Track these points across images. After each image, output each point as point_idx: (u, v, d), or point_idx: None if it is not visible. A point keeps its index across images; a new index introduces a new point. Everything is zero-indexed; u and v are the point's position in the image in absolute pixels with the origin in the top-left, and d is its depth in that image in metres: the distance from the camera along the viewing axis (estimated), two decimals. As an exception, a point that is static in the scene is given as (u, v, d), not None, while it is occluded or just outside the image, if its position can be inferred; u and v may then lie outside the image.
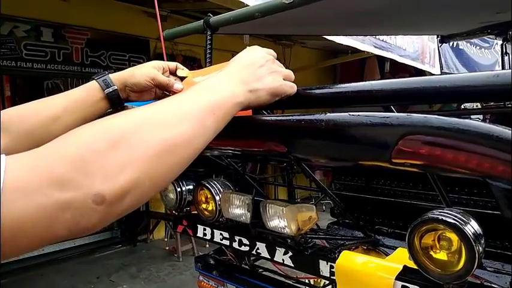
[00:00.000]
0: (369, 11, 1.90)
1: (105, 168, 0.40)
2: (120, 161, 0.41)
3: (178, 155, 0.47)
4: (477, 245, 0.73)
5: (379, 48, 4.23)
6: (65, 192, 0.38)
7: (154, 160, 0.44)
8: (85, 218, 0.39)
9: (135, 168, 0.42)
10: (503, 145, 0.45)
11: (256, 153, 1.03)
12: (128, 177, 0.41)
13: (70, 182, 0.38)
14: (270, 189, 5.69)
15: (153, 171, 0.44)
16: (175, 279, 4.36)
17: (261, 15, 1.43)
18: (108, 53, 5.18)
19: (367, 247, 1.27)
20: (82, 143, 0.42)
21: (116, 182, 0.40)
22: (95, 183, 0.39)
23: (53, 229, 0.38)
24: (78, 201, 0.38)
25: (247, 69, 0.65)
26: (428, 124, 0.50)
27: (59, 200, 0.38)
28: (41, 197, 0.37)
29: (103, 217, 0.41)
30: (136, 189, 0.42)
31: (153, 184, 0.44)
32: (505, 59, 3.00)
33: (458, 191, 1.24)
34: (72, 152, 0.40)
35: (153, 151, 0.44)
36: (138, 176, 0.42)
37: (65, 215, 0.38)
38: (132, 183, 0.41)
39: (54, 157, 0.40)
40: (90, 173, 0.39)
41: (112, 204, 0.40)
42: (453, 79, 0.61)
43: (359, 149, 0.59)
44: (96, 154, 0.41)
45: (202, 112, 0.52)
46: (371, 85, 0.67)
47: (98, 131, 0.44)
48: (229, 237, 1.32)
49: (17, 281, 4.24)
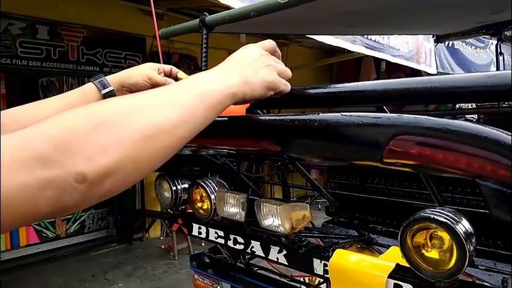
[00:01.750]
0: (364, 11, 1.90)
1: (87, 149, 0.41)
2: (102, 143, 0.42)
3: (163, 141, 0.47)
4: (468, 243, 0.74)
5: (371, 48, 4.21)
6: (47, 170, 0.39)
7: (139, 144, 0.45)
8: (67, 195, 0.40)
9: (118, 150, 0.43)
10: (491, 145, 0.45)
11: (250, 152, 1.03)
12: (110, 159, 0.42)
13: (52, 161, 0.39)
14: (266, 188, 5.70)
15: (137, 155, 0.44)
16: (171, 277, 4.37)
17: (256, 15, 1.43)
18: (104, 50, 5.16)
19: (361, 245, 1.28)
20: (65, 124, 0.43)
21: (97, 163, 0.41)
22: (76, 163, 0.40)
23: (36, 206, 0.39)
24: (59, 179, 0.39)
25: (242, 62, 0.65)
26: (419, 124, 0.51)
27: (42, 177, 0.39)
28: (23, 175, 0.38)
29: (85, 196, 0.42)
30: (118, 172, 0.43)
31: (136, 168, 0.45)
32: (499, 58, 3.02)
33: (452, 190, 1.25)
34: (55, 132, 0.41)
35: (137, 135, 0.45)
36: (121, 158, 0.43)
37: (47, 192, 0.39)
38: (114, 165, 0.42)
39: (37, 137, 0.41)
40: (72, 153, 0.40)
41: (93, 184, 0.41)
42: (444, 80, 0.61)
43: (351, 148, 0.60)
44: (79, 135, 0.42)
45: (191, 100, 0.52)
46: (364, 86, 0.68)
47: (81, 114, 0.45)
48: (224, 235, 1.33)
49: (12, 280, 4.23)
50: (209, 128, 0.86)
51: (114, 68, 5.21)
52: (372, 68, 7.44)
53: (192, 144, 1.01)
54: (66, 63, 4.87)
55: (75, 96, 0.89)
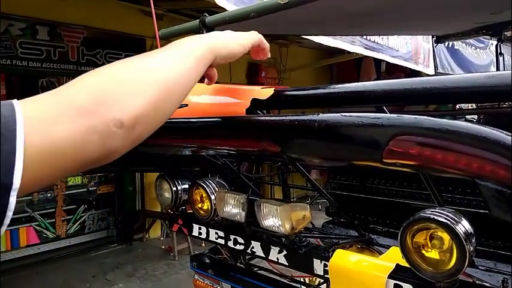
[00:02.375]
0: (364, 11, 1.90)
1: (120, 99, 0.49)
2: (129, 92, 0.50)
3: (173, 91, 0.56)
4: (468, 244, 0.74)
5: (370, 49, 4.20)
6: (89, 119, 0.46)
7: (156, 93, 0.53)
8: (109, 140, 0.47)
9: (142, 98, 0.51)
10: (490, 146, 0.45)
11: (250, 152, 1.04)
12: (137, 105, 0.50)
13: (92, 110, 0.46)
14: (267, 189, 5.70)
15: (156, 102, 0.53)
16: (171, 278, 4.37)
17: (256, 15, 1.43)
18: (104, 51, 5.16)
19: (361, 246, 1.28)
20: (96, 80, 0.51)
21: (128, 109, 0.49)
22: (113, 111, 0.48)
23: (85, 151, 0.46)
24: (101, 125, 0.46)
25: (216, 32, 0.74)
26: (418, 125, 0.51)
27: (85, 124, 0.45)
28: (69, 123, 0.44)
29: (124, 140, 0.49)
30: (144, 118, 0.51)
31: (156, 114, 0.53)
32: (500, 59, 3.02)
33: (452, 191, 1.25)
34: (88, 85, 0.49)
35: (155, 86, 0.53)
36: (145, 105, 0.51)
37: (92, 136, 0.46)
38: (141, 111, 0.50)
39: (73, 90, 0.48)
40: (107, 102, 0.48)
41: (129, 129, 0.49)
42: (444, 80, 0.61)
43: (351, 149, 0.60)
44: (110, 87, 0.49)
45: (184, 56, 0.61)
46: (364, 86, 0.68)
47: (110, 68, 0.53)
48: (224, 236, 1.33)
49: (12, 280, 4.23)
50: (209, 129, 0.87)
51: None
52: (372, 68, 7.44)
53: (192, 144, 1.02)
54: (66, 64, 4.87)
55: None
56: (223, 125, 0.81)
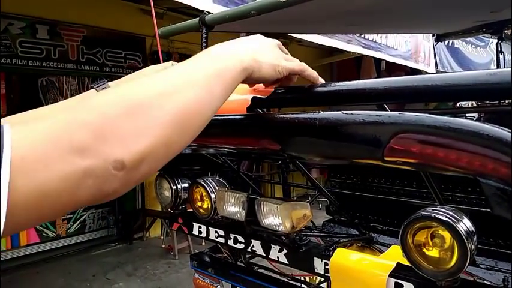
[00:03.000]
0: (364, 9, 1.90)
1: (123, 135, 0.42)
2: (136, 128, 0.43)
3: (190, 122, 0.48)
4: (469, 242, 0.73)
5: (368, 48, 4.19)
6: (86, 160, 0.39)
7: (169, 127, 0.45)
8: (106, 183, 0.41)
9: (151, 135, 0.44)
10: (493, 143, 0.45)
11: (250, 151, 1.03)
12: (145, 143, 0.43)
13: (90, 149, 0.40)
14: (267, 188, 5.70)
15: (168, 138, 0.45)
16: (172, 277, 4.37)
17: (256, 14, 1.43)
18: (104, 50, 5.16)
19: (361, 244, 1.28)
20: (100, 110, 0.43)
21: (133, 149, 0.42)
22: (114, 150, 0.41)
23: (76, 196, 0.40)
24: (99, 168, 0.40)
25: (253, 42, 0.65)
26: (420, 122, 0.51)
27: (81, 166, 0.39)
28: (63, 165, 0.38)
29: (123, 183, 0.43)
30: (152, 156, 0.44)
31: (167, 150, 0.46)
32: (500, 57, 3.01)
33: (453, 189, 1.25)
34: (90, 119, 0.41)
35: (168, 118, 0.45)
36: (154, 142, 0.44)
37: (87, 181, 0.40)
38: (149, 149, 0.43)
39: (72, 125, 0.41)
40: (109, 140, 0.41)
41: (131, 170, 0.42)
42: (447, 78, 0.61)
43: (352, 147, 0.60)
44: (114, 121, 0.42)
45: (209, 79, 0.52)
46: (364, 84, 0.67)
47: (113, 99, 0.45)
48: (224, 234, 1.33)
49: (13, 279, 4.23)
50: (209, 127, 0.86)
51: (114, 68, 5.21)
52: (372, 67, 7.43)
53: (192, 143, 1.01)
54: (66, 63, 4.87)
55: None
56: (224, 124, 0.81)
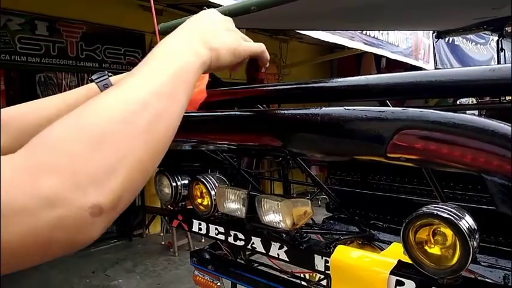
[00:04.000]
0: (365, 6, 1.89)
1: (95, 175, 0.35)
2: (108, 163, 0.37)
3: (161, 140, 0.43)
4: (471, 240, 0.73)
5: (369, 44, 4.19)
6: (57, 210, 0.33)
7: (142, 150, 0.40)
8: (82, 233, 0.36)
9: (125, 165, 0.38)
10: (498, 139, 0.44)
11: (251, 147, 1.03)
12: (121, 178, 0.37)
13: (60, 198, 0.33)
14: (267, 184, 5.69)
15: (143, 164, 0.40)
16: (171, 273, 4.37)
17: (256, 9, 1.42)
18: (103, 47, 5.13)
19: (362, 242, 1.27)
20: (63, 149, 0.36)
21: (109, 188, 0.36)
22: (88, 195, 0.35)
23: (49, 248, 0.35)
24: (72, 217, 0.34)
25: (206, 25, 0.58)
26: (424, 118, 0.50)
27: (52, 217, 0.33)
28: (32, 220, 0.33)
29: (102, 227, 0.37)
30: (130, 188, 0.39)
31: (143, 176, 0.41)
32: (500, 54, 3.01)
33: (454, 186, 1.25)
34: (54, 161, 0.35)
35: (139, 142, 0.40)
36: (130, 173, 0.38)
37: (60, 233, 0.34)
38: (126, 182, 0.38)
39: (35, 170, 0.34)
40: (81, 183, 0.34)
41: (110, 211, 0.37)
42: (449, 73, 0.60)
43: (354, 143, 0.59)
44: (82, 161, 0.35)
45: (173, 84, 0.46)
46: (367, 79, 0.67)
47: (74, 133, 0.37)
48: (224, 231, 1.32)
49: (12, 276, 4.23)
50: (210, 123, 0.86)
51: (113, 64, 5.19)
52: (372, 64, 7.42)
53: (192, 139, 1.01)
54: (65, 60, 4.84)
55: (78, 97, 0.87)
56: (224, 120, 0.80)
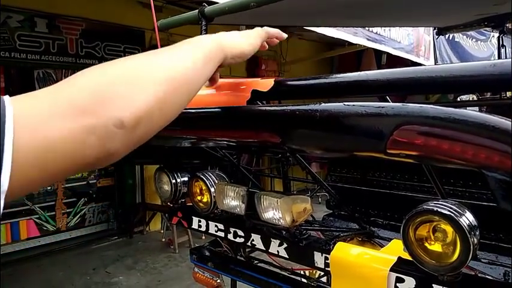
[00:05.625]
0: (365, 2, 1.88)
1: (120, 98, 0.46)
2: (132, 92, 0.47)
3: (180, 91, 0.54)
4: (472, 236, 0.72)
5: (372, 40, 4.19)
6: (87, 118, 0.43)
7: (162, 92, 0.50)
8: (109, 140, 0.45)
9: (146, 97, 0.48)
10: (499, 135, 0.44)
11: (250, 144, 1.02)
12: (141, 104, 0.47)
13: (90, 110, 0.43)
14: (267, 182, 5.69)
15: (162, 102, 0.50)
16: (171, 270, 4.37)
17: (256, 5, 1.41)
18: (103, 44, 5.13)
19: (362, 239, 1.27)
20: (98, 77, 0.48)
21: (131, 108, 0.46)
22: (114, 110, 0.45)
23: (82, 152, 0.43)
24: (100, 126, 0.44)
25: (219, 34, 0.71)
26: (424, 114, 0.49)
27: (82, 124, 0.42)
28: (64, 122, 0.42)
29: (124, 142, 0.46)
30: (148, 117, 0.48)
31: (161, 114, 0.51)
32: (501, 51, 2.99)
33: (454, 183, 1.24)
34: (88, 85, 0.46)
35: (160, 84, 0.50)
36: (150, 104, 0.48)
37: (91, 138, 0.43)
38: (145, 110, 0.47)
39: (72, 89, 0.45)
40: (107, 102, 0.45)
41: (130, 129, 0.46)
42: (450, 69, 0.60)
43: (354, 139, 0.59)
44: (113, 85, 0.47)
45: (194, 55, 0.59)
46: (366, 75, 0.66)
47: (109, 70, 0.50)
48: (224, 229, 1.32)
49: (14, 273, 4.24)
50: (209, 120, 0.85)
51: (113, 62, 5.18)
52: (373, 61, 7.40)
53: (191, 136, 1.00)
54: (65, 57, 4.84)
55: None
56: (223, 116, 0.80)
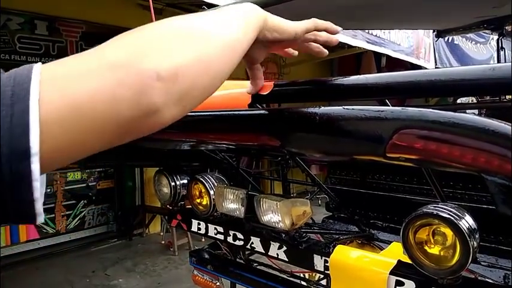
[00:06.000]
0: (364, 5, 1.89)
1: (157, 49, 0.44)
2: (170, 44, 0.45)
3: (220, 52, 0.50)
4: (472, 239, 0.72)
5: (372, 43, 4.20)
6: (120, 72, 0.40)
7: (202, 46, 0.48)
8: (146, 94, 0.41)
9: (182, 55, 0.45)
10: (499, 139, 0.44)
11: (250, 147, 1.02)
12: (178, 60, 0.44)
13: (122, 63, 0.41)
14: (266, 184, 5.69)
15: (201, 56, 0.47)
16: (171, 273, 4.37)
17: (256, 8, 1.41)
18: (103, 46, 5.13)
19: (361, 241, 1.27)
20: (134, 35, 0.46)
21: (167, 59, 0.43)
22: (148, 62, 0.42)
23: (116, 108, 0.40)
24: (134, 78, 0.40)
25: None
26: (424, 118, 0.49)
27: (113, 77, 0.40)
28: (93, 78, 0.39)
29: (164, 95, 0.42)
30: (187, 69, 0.45)
31: (200, 68, 0.47)
32: (500, 53, 3.00)
33: (454, 186, 1.24)
34: (124, 42, 0.45)
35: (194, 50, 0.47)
36: (185, 63, 0.45)
37: (123, 91, 0.40)
38: (183, 61, 0.44)
39: (102, 46, 0.44)
40: (142, 54, 0.42)
41: (168, 81, 0.42)
42: (449, 72, 0.60)
43: (353, 143, 0.59)
44: (149, 40, 0.45)
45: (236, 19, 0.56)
46: (366, 79, 0.66)
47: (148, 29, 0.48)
48: (223, 231, 1.32)
49: (13, 275, 4.23)
50: (208, 123, 0.85)
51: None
52: (372, 63, 7.41)
53: (191, 139, 1.00)
54: (65, 59, 4.84)
55: None
56: (223, 119, 0.80)
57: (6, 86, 0.35)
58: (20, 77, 0.36)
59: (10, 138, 0.34)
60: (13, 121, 0.34)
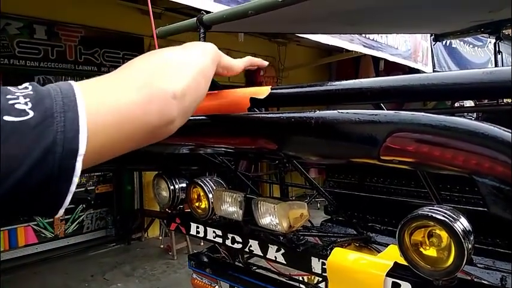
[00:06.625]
0: (362, 9, 1.90)
1: (169, 75, 0.55)
2: (177, 74, 0.57)
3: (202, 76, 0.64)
4: (466, 241, 0.73)
5: (369, 47, 4.21)
6: (148, 90, 0.51)
7: (195, 73, 0.60)
8: (167, 108, 0.52)
9: (185, 75, 0.58)
10: (489, 142, 0.45)
11: (247, 150, 1.03)
12: (184, 84, 0.56)
13: (148, 83, 0.51)
14: (265, 188, 5.70)
15: (195, 83, 0.60)
16: (170, 277, 4.36)
17: (254, 13, 1.42)
18: (101, 50, 5.15)
19: (359, 244, 1.28)
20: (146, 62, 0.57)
21: (178, 83, 0.55)
22: (167, 84, 0.53)
23: (146, 118, 0.50)
24: (158, 95, 0.52)
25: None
26: (416, 121, 0.50)
27: (143, 93, 0.50)
28: (130, 92, 0.49)
29: (178, 109, 0.54)
30: (190, 89, 0.57)
31: (196, 89, 0.60)
32: (498, 57, 3.02)
33: (451, 189, 1.25)
34: (141, 67, 0.56)
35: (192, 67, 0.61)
36: (188, 86, 0.57)
37: (151, 106, 0.50)
38: (187, 84, 0.57)
39: (128, 71, 0.54)
40: (160, 78, 0.54)
41: (181, 98, 0.54)
42: (443, 77, 0.61)
43: (348, 146, 0.60)
44: (160, 67, 0.56)
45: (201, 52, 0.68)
46: (361, 83, 0.67)
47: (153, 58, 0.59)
48: (222, 234, 1.32)
49: (11, 280, 4.22)
50: (206, 127, 0.86)
51: (112, 68, 5.16)
52: (371, 67, 7.44)
53: (190, 143, 1.01)
54: (64, 63, 4.85)
55: None
56: (220, 123, 0.81)
57: (57, 97, 0.42)
58: (65, 90, 0.43)
59: (63, 141, 0.40)
60: (66, 126, 0.41)
